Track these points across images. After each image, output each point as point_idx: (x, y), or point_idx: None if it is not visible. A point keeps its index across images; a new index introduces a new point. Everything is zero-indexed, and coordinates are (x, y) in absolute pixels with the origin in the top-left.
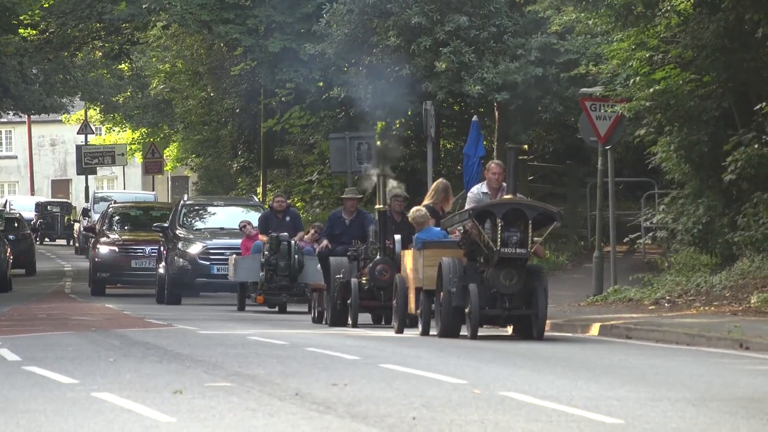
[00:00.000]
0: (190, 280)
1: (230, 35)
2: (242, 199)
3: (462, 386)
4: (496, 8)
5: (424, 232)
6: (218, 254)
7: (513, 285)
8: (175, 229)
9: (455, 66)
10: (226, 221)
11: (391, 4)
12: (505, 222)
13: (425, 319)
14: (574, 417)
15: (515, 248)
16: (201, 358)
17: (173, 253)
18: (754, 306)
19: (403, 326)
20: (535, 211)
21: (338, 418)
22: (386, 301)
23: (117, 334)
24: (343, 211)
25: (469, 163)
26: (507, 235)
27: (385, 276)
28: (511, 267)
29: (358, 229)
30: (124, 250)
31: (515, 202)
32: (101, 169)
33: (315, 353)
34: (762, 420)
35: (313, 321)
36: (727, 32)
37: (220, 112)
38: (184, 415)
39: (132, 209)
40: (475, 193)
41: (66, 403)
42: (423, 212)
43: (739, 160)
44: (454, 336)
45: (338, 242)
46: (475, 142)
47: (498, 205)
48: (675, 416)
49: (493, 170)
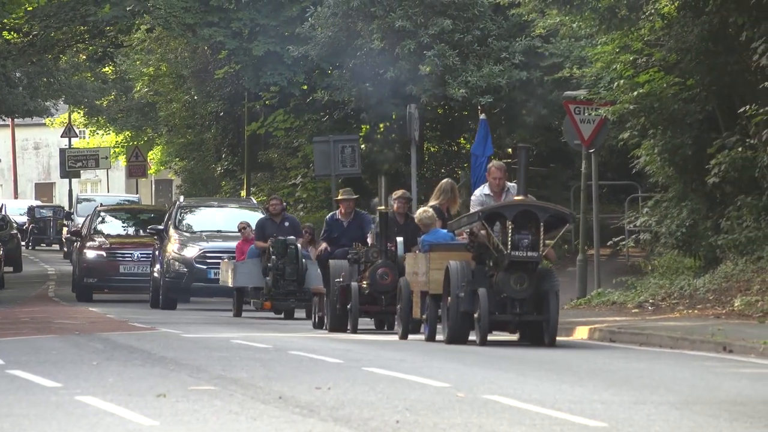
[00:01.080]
0: (186, 284)
1: (214, 38)
2: (240, 200)
3: (446, 389)
4: (480, 12)
5: (430, 234)
6: (216, 258)
7: (524, 289)
8: (171, 232)
9: (439, 69)
10: (224, 223)
11: (375, 7)
12: (516, 224)
13: (431, 325)
14: (558, 420)
15: (526, 251)
16: (185, 362)
17: (169, 257)
18: (737, 309)
19: (407, 332)
20: (547, 213)
21: (321, 421)
22: (387, 305)
23: (100, 338)
24: (339, 213)
25: (477, 162)
26: (518, 237)
27: (387, 280)
28: (522, 271)
29: (356, 230)
30: (112, 255)
31: (526, 203)
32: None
33: (298, 356)
34: (746, 423)
35: (314, 326)
36: (711, 35)
37: (204, 115)
38: (168, 418)
39: (120, 212)
40: (477, 195)
41: (49, 406)
42: (430, 213)
43: (722, 163)
44: (462, 342)
45: (337, 245)
46: (483, 141)
47: (508, 207)
48: (659, 419)
49: (494, 174)
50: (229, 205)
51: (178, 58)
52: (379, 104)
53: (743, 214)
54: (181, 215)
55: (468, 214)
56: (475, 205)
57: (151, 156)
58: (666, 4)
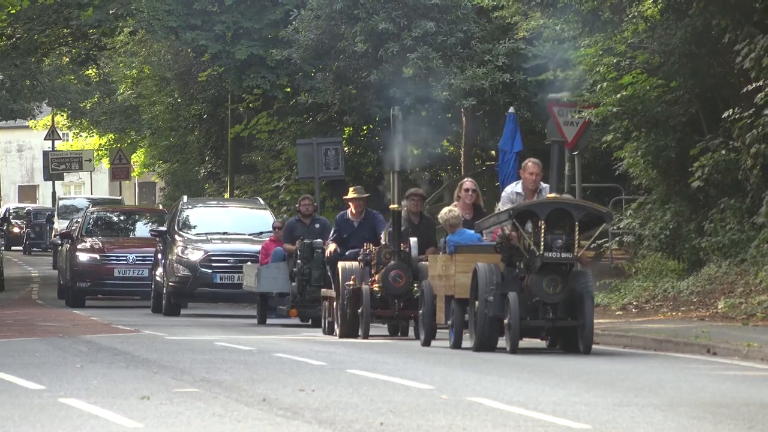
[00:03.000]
0: (190, 289)
1: (197, 42)
2: (247, 200)
3: (430, 392)
4: (464, 14)
5: (456, 234)
6: (221, 261)
7: (557, 293)
8: (174, 234)
9: (423, 72)
10: (230, 225)
11: (359, 9)
12: (549, 223)
13: (457, 331)
14: (542, 422)
15: (560, 252)
16: (168, 364)
17: (172, 261)
18: (721, 311)
19: (430, 338)
20: (583, 212)
21: (305, 423)
22: (401, 310)
23: (84, 340)
24: (349, 212)
25: (505, 159)
26: (551, 237)
27: (400, 282)
28: (555, 273)
29: (368, 231)
30: (105, 258)
31: (560, 201)
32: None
33: (282, 359)
34: (729, 425)
35: (324, 332)
36: (695, 38)
37: (188, 117)
38: (152, 420)
39: (113, 213)
40: (508, 192)
41: (33, 409)
42: (456, 213)
43: (706, 165)
44: (491, 350)
45: (347, 246)
46: (512, 137)
47: (541, 205)
48: (642, 421)
49: (530, 170)
50: (235, 205)
51: (162, 60)
52: (363, 107)
53: (726, 216)
54: (184, 216)
55: (497, 213)
56: (505, 203)
57: (134, 158)
58: (649, 7)
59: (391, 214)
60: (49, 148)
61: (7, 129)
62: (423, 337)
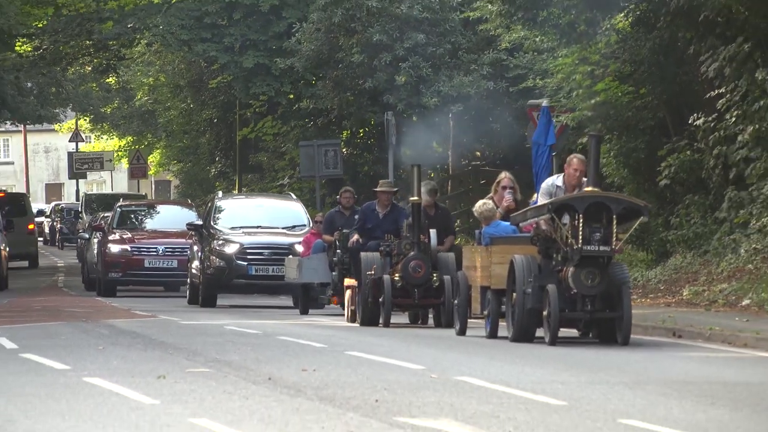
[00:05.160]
0: (226, 280)
1: (208, 53)
2: (280, 195)
3: (421, 371)
4: (451, 27)
5: (491, 226)
6: (256, 253)
7: (596, 285)
8: (210, 228)
9: (414, 80)
10: (263, 218)
11: (355, 23)
12: (587, 217)
13: (493, 321)
14: (522, 399)
15: (598, 246)
16: (182, 346)
17: (208, 253)
18: (686, 298)
19: (465, 328)
20: (621, 205)
21: (307, 400)
22: (420, 299)
23: (106, 324)
24: (377, 204)
25: (539, 152)
26: (589, 231)
27: (420, 272)
28: (593, 266)
29: (391, 223)
30: (136, 249)
31: (598, 195)
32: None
33: (286, 341)
34: (693, 401)
35: (347, 320)
36: (662, 49)
37: (199, 121)
38: (167, 397)
39: (141, 207)
40: (548, 185)
41: (59, 387)
42: (490, 206)
43: (672, 165)
44: (529, 340)
45: (371, 236)
46: (545, 130)
47: (579, 199)
48: (614, 398)
49: (575, 165)
50: (269, 199)
51: (176, 69)
52: (359, 111)
53: (691, 211)
54: (220, 210)
55: (535, 207)
56: (544, 196)
57: (151, 159)
58: (620, 20)
59: (411, 207)
60: (73, 150)
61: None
62: (458, 326)
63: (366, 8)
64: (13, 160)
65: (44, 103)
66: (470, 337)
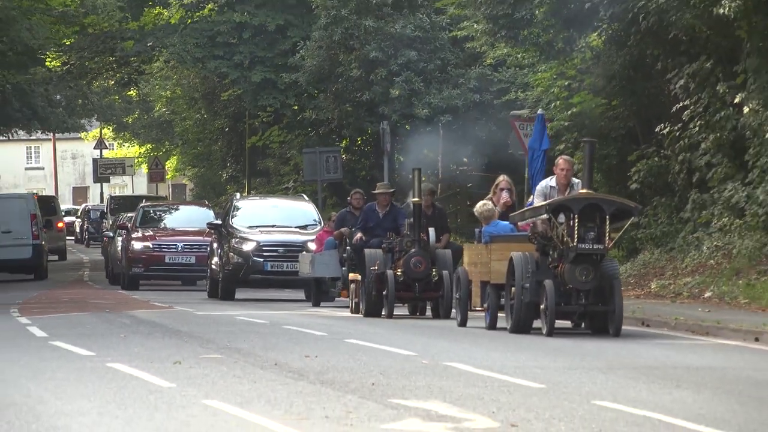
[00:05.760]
0: (244, 276)
1: (219, 69)
2: (293, 196)
3: (413, 357)
4: (441, 44)
5: (491, 225)
6: (272, 251)
7: (590, 281)
8: (229, 227)
9: (407, 92)
10: (278, 218)
11: (353, 41)
12: (581, 217)
13: (492, 313)
14: (505, 382)
15: (592, 244)
16: (197, 335)
17: (228, 250)
18: (653, 291)
19: (466, 319)
20: (613, 206)
21: (310, 384)
22: (421, 292)
23: (127, 315)
24: (377, 204)
25: (533, 156)
26: (584, 230)
27: (420, 268)
28: (587, 263)
29: (391, 222)
30: (157, 246)
31: (593, 197)
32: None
33: (290, 330)
34: (660, 384)
35: (351, 312)
36: (632, 65)
37: (212, 130)
38: (183, 381)
39: (162, 208)
40: (543, 186)
41: (85, 371)
42: (490, 206)
43: (641, 170)
44: (526, 332)
45: (372, 234)
46: (540, 136)
47: (575, 200)
48: (588, 382)
49: (561, 166)
50: (282, 200)
51: (191, 83)
52: (357, 121)
53: (658, 212)
54: (237, 211)
55: (533, 207)
56: (539, 196)
57: (168, 164)
58: (595, 39)
59: (413, 207)
60: (98, 156)
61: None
62: (459, 318)
63: (363, 28)
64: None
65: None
66: (471, 328)
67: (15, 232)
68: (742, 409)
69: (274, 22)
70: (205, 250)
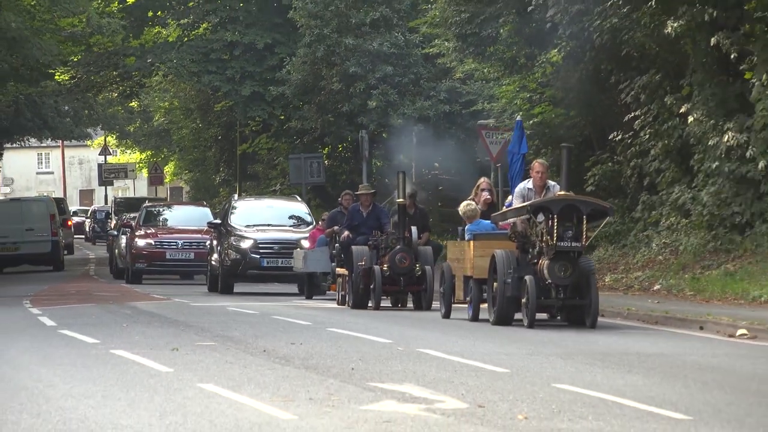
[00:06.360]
0: (242, 271)
1: (213, 82)
2: (287, 197)
3: (389, 345)
4: (414, 60)
5: (474, 224)
6: (267, 248)
7: (568, 276)
8: (227, 226)
9: (383, 104)
10: (273, 217)
11: (335, 57)
12: (560, 217)
13: (475, 306)
14: (474, 367)
15: (570, 242)
16: (192, 324)
17: (227, 247)
18: (608, 284)
19: (449, 311)
20: (590, 207)
21: (295, 368)
22: (405, 285)
23: (129, 306)
24: (360, 205)
25: (514, 159)
26: (562, 229)
27: (405, 263)
28: (565, 260)
29: (374, 220)
30: (159, 243)
31: (571, 198)
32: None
33: (278, 320)
34: (613, 369)
35: (338, 303)
36: (588, 78)
37: (206, 138)
38: (180, 366)
39: (163, 208)
40: (521, 188)
41: (91, 357)
42: (473, 206)
43: (596, 174)
44: (508, 323)
45: (357, 233)
46: (519, 141)
47: (555, 202)
48: (548, 367)
49: (537, 169)
50: (277, 201)
51: (187, 95)
52: (338, 130)
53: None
54: (235, 211)
55: (515, 208)
56: (518, 198)
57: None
58: (554, 55)
59: (398, 208)
60: (102, 161)
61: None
62: (443, 310)
63: (344, 45)
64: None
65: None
66: (454, 319)
67: (36, 230)
68: (687, 392)
69: (262, 41)
70: (203, 247)
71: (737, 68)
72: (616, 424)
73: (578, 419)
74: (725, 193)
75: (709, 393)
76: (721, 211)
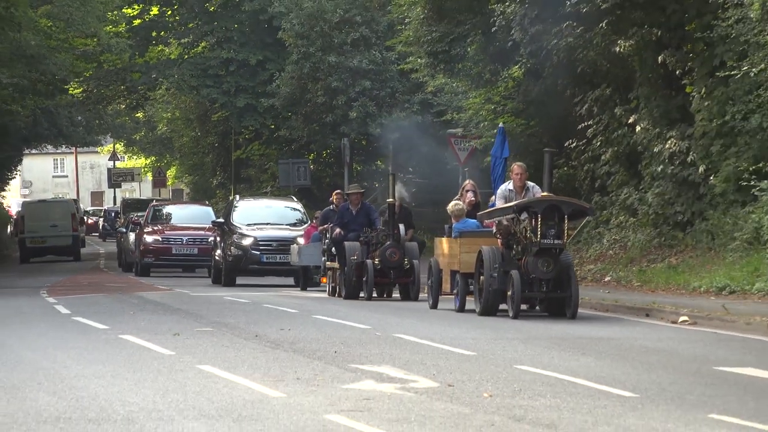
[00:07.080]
0: (243, 266)
1: (210, 95)
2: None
3: (368, 330)
4: (390, 75)
5: (460, 222)
6: (267, 245)
7: (550, 271)
8: (230, 224)
9: (362, 115)
10: (272, 217)
11: (320, 73)
12: (543, 216)
13: (461, 298)
14: (443, 351)
15: (553, 240)
16: (192, 312)
17: (230, 244)
18: None
19: (437, 302)
20: (571, 207)
21: (284, 352)
22: (395, 278)
23: (136, 296)
24: (350, 204)
25: (496, 163)
26: (545, 228)
27: (395, 257)
28: (548, 256)
29: (364, 218)
30: (165, 239)
31: (553, 199)
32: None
33: (269, 308)
34: (569, 352)
35: (328, 295)
36: (547, 92)
37: (205, 145)
38: (181, 349)
39: (169, 206)
40: (503, 189)
41: (101, 342)
42: (461, 206)
43: (554, 178)
44: (493, 314)
45: (348, 230)
46: (501, 146)
47: (539, 202)
48: (511, 350)
49: (516, 171)
50: (276, 202)
51: (187, 107)
52: (323, 138)
53: None
54: (237, 210)
55: (501, 207)
56: (500, 198)
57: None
58: (516, 71)
59: (388, 207)
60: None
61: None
62: (431, 301)
63: (327, 62)
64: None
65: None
66: (441, 310)
67: (60, 227)
68: (634, 372)
69: (254, 58)
70: (206, 243)
71: (679, 83)
72: (571, 401)
73: (537, 397)
74: (669, 194)
75: (654, 373)
76: (665, 210)
